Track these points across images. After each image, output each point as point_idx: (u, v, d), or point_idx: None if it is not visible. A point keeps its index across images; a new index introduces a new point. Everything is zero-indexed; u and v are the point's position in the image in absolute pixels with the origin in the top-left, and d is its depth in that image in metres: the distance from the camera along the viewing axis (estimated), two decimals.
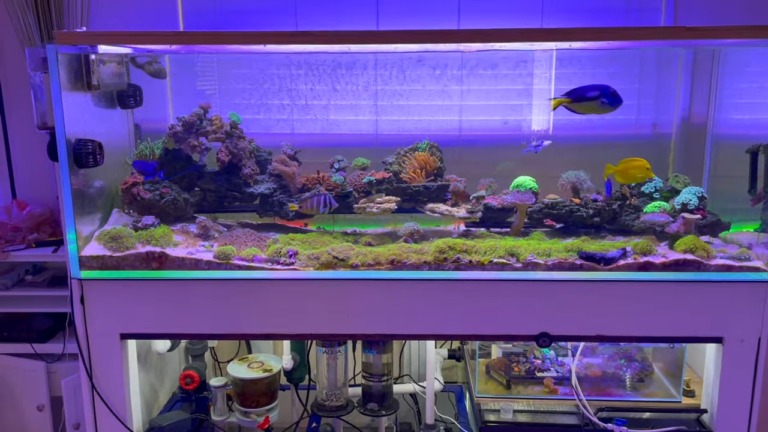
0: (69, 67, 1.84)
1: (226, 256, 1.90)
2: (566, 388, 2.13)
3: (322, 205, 2.04)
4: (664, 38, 1.91)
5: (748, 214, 2.02)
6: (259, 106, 2.42)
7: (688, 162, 2.36)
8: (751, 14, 2.34)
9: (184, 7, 2.43)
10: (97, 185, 2.03)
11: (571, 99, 1.95)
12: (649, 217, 1.99)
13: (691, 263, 1.86)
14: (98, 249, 1.91)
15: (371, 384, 2.20)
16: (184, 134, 2.15)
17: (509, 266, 1.90)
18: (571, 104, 1.95)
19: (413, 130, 2.40)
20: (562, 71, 2.35)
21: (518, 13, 2.40)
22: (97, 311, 1.90)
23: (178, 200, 2.09)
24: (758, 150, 1.92)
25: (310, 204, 2.04)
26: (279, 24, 2.43)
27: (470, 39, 1.92)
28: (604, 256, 1.87)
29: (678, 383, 2.08)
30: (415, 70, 2.37)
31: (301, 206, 2.07)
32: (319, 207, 2.04)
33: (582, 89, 1.95)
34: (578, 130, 2.38)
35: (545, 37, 1.91)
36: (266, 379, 2.14)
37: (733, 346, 1.87)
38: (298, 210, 2.08)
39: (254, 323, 1.92)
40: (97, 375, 1.94)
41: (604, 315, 1.88)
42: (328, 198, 2.05)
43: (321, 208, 2.04)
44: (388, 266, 1.92)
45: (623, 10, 2.40)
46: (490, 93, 2.39)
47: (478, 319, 1.90)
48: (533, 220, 2.14)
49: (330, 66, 2.36)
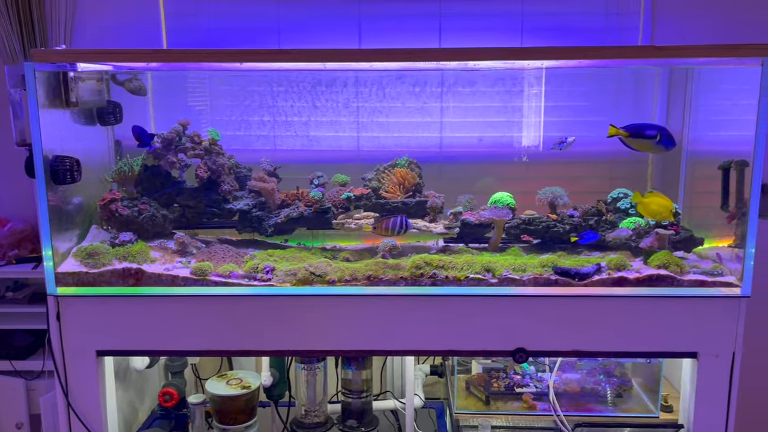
0: (47, 85, 1.86)
1: (203, 273, 1.90)
2: (545, 404, 2.13)
3: (398, 226, 2.02)
4: (636, 57, 1.94)
5: (722, 229, 2.04)
6: (240, 122, 2.44)
7: (665, 178, 2.38)
8: (727, 33, 2.38)
9: (168, 25, 2.45)
10: (75, 202, 2.04)
11: (628, 133, 1.95)
12: (614, 233, 2.00)
13: (665, 278, 1.87)
14: (75, 265, 1.91)
15: (351, 400, 2.19)
16: (163, 151, 2.16)
17: (485, 282, 1.91)
18: (627, 138, 1.96)
19: (394, 146, 2.42)
20: (541, 89, 2.38)
21: (498, 32, 2.43)
22: (73, 328, 1.90)
23: (156, 216, 2.10)
24: (730, 166, 1.94)
25: (386, 225, 2.02)
26: (263, 41, 2.46)
27: (450, 58, 1.95)
28: (578, 271, 1.89)
29: (656, 398, 2.09)
30: (396, 87, 2.39)
31: (375, 227, 2.04)
32: (395, 228, 2.02)
33: (641, 126, 1.95)
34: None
35: (524, 56, 1.94)
36: (244, 396, 2.14)
37: (708, 361, 1.88)
38: (372, 231, 2.05)
39: (231, 339, 1.92)
40: (73, 393, 1.93)
41: (579, 330, 1.88)
42: (404, 220, 2.02)
43: (397, 229, 2.02)
44: (365, 282, 1.92)
45: (602, 29, 2.43)
46: (470, 110, 2.41)
47: (454, 335, 1.91)
48: (511, 236, 2.15)
49: (311, 83, 2.39)
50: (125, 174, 2.14)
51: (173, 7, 2.43)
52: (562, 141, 2.04)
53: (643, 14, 2.38)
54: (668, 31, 2.40)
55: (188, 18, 2.44)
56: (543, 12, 2.40)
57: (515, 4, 2.39)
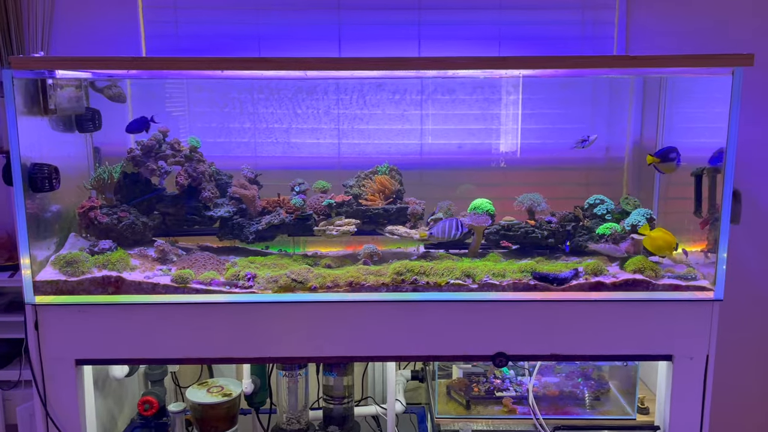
0: (25, 92, 1.85)
1: (184, 280, 1.90)
2: (525, 408, 2.16)
3: (454, 228, 1.98)
4: (611, 66, 1.98)
5: (696, 234, 2.09)
6: (221, 129, 2.44)
7: (641, 184, 2.43)
8: (701, 43, 2.44)
9: (147, 32, 2.45)
10: (54, 209, 2.02)
11: (660, 159, 2.02)
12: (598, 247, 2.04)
13: (641, 283, 1.91)
14: (53, 274, 1.90)
15: (332, 407, 2.20)
16: (143, 158, 2.15)
17: (465, 287, 1.93)
18: (659, 164, 2.03)
19: (375, 153, 2.44)
20: (519, 97, 2.42)
21: (477, 40, 2.47)
22: (52, 337, 1.88)
23: (136, 224, 2.09)
24: (702, 173, 1.99)
25: (441, 229, 1.98)
26: (243, 48, 2.46)
27: (429, 66, 1.98)
28: (557, 276, 1.92)
29: (633, 401, 2.13)
30: (376, 94, 2.42)
31: (430, 231, 2.01)
32: (451, 231, 1.99)
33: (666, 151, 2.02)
34: (534, 154, 2.45)
35: (501, 65, 1.97)
36: (225, 403, 2.13)
37: (683, 364, 1.92)
38: (428, 236, 2.01)
39: (212, 347, 1.92)
40: (51, 402, 1.91)
41: (558, 334, 1.91)
42: (458, 222, 1.99)
43: (453, 232, 1.99)
44: (346, 288, 1.93)
45: (578, 38, 2.48)
46: (450, 117, 2.44)
47: (435, 340, 1.93)
48: (490, 242, 2.18)
49: (291, 90, 2.40)
50: (104, 181, 2.13)
51: (152, 14, 2.42)
52: (584, 139, 2.07)
53: (617, 24, 2.43)
54: (643, 41, 2.45)
55: (168, 25, 2.44)
56: (520, 21, 2.44)
57: (493, 13, 2.43)
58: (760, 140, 2.50)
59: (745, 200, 1.91)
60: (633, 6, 2.42)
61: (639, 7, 2.42)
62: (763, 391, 2.70)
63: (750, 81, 1.92)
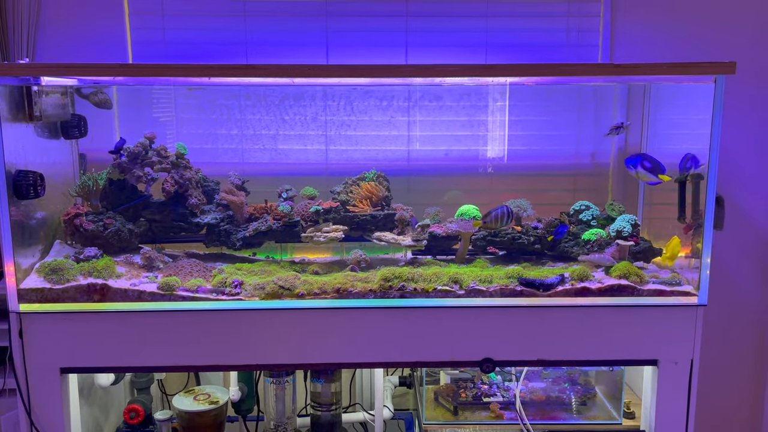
0: (10, 98, 1.84)
1: (170, 288, 1.89)
2: (512, 413, 2.17)
3: (506, 216, 2.06)
4: (595, 74, 2.02)
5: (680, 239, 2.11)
6: (208, 135, 2.44)
7: (626, 190, 2.46)
8: (686, 50, 2.47)
9: (133, 38, 2.44)
10: (38, 216, 2.01)
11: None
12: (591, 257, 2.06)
13: (626, 288, 1.93)
14: (38, 281, 1.88)
15: (320, 414, 2.20)
16: (130, 165, 2.14)
17: (452, 293, 1.94)
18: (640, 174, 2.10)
19: (362, 159, 2.44)
20: (505, 103, 2.44)
21: (463, 47, 2.48)
22: (37, 345, 1.87)
23: (122, 231, 2.08)
24: (686, 179, 2.02)
25: (494, 216, 2.06)
26: (230, 54, 2.46)
27: (416, 74, 1.99)
28: (543, 282, 1.93)
29: (619, 405, 2.14)
30: (364, 101, 2.42)
31: (485, 221, 2.09)
32: (503, 219, 2.06)
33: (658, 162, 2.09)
34: (521, 160, 2.46)
35: (487, 72, 1.99)
36: (212, 411, 2.12)
37: (668, 369, 1.94)
38: (483, 226, 2.10)
39: (199, 354, 1.91)
40: (36, 411, 1.90)
41: (544, 340, 1.93)
42: (509, 210, 2.07)
43: (505, 220, 2.07)
44: (334, 295, 1.93)
45: (564, 45, 2.50)
46: (437, 124, 2.46)
47: (423, 346, 1.93)
48: (477, 248, 2.19)
49: (279, 97, 2.40)
50: (90, 188, 2.12)
51: (139, 20, 2.42)
52: (618, 126, 2.07)
53: (602, 32, 2.46)
54: (627, 48, 2.48)
55: (155, 31, 2.43)
56: (507, 28, 2.46)
57: (480, 21, 2.44)
58: (744, 146, 2.53)
59: (728, 206, 1.94)
60: (617, 14, 2.45)
61: (623, 15, 2.45)
62: (746, 395, 2.73)
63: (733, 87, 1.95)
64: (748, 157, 2.54)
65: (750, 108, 2.51)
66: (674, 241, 2.03)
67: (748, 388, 2.72)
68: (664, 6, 2.44)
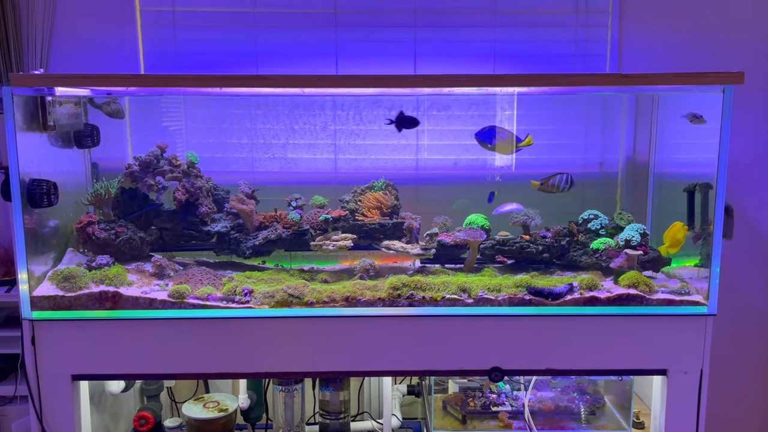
0: (25, 109, 1.87)
1: (181, 295, 1.91)
2: (521, 422, 2.16)
3: (564, 182, 2.16)
4: (603, 84, 2.02)
5: (689, 249, 2.11)
6: (219, 144, 2.46)
7: (634, 200, 2.45)
8: (694, 59, 2.47)
9: (145, 48, 2.47)
10: (52, 224, 2.03)
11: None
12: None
13: (635, 298, 1.93)
14: (50, 289, 1.91)
15: (328, 422, 2.20)
16: (141, 174, 2.17)
17: (461, 302, 1.94)
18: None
19: (371, 168, 2.46)
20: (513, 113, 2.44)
21: (472, 57, 2.50)
22: (49, 352, 1.88)
23: (133, 239, 2.10)
24: (694, 189, 2.02)
25: (552, 182, 2.16)
26: (240, 64, 2.49)
27: (424, 84, 2.00)
28: (551, 291, 1.93)
29: (628, 415, 2.13)
30: (372, 110, 2.44)
31: (542, 183, 2.18)
32: (561, 184, 2.16)
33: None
34: (529, 169, 2.47)
35: (495, 82, 2.01)
36: (221, 419, 2.13)
37: (677, 378, 1.93)
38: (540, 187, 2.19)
39: (209, 362, 1.92)
40: (47, 418, 1.91)
41: (553, 349, 1.93)
42: (569, 176, 2.16)
43: (563, 185, 2.16)
44: (342, 303, 1.94)
45: (571, 55, 2.51)
46: (445, 133, 2.47)
47: (431, 355, 1.94)
48: (485, 257, 2.20)
49: (288, 106, 2.42)
50: (102, 197, 2.14)
51: (151, 31, 2.45)
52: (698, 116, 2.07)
53: (610, 41, 2.47)
54: (635, 58, 2.49)
55: (167, 42, 2.46)
56: (515, 38, 2.47)
57: (488, 31, 2.46)
58: (752, 155, 2.53)
59: (737, 215, 1.94)
60: (625, 24, 2.46)
61: (631, 25, 2.46)
62: (757, 405, 2.71)
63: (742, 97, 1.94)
64: (756, 167, 2.54)
65: (759, 118, 2.50)
66: (676, 226, 2.01)
67: (758, 398, 2.71)
68: (672, 16, 2.45)
